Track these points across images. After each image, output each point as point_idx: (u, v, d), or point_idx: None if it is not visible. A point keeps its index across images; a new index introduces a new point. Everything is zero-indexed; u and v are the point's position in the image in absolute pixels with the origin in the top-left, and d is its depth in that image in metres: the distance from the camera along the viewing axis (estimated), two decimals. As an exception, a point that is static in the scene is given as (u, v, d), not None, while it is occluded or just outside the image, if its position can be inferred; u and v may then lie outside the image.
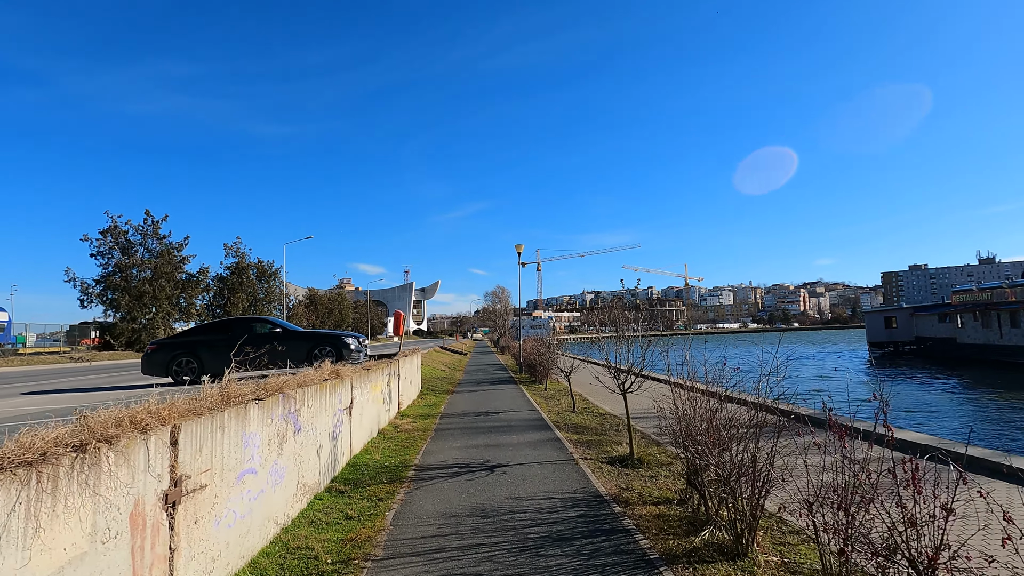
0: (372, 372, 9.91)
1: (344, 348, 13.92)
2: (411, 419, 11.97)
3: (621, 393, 8.69)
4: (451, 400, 15.81)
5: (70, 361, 28.06)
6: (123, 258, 34.74)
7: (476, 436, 10.05)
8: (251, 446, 4.63)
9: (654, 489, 6.82)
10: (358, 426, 8.67)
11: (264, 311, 51.66)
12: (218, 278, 47.84)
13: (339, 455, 7.42)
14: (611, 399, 15.49)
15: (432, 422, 11.70)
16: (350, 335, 14.60)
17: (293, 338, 13.98)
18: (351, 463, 7.90)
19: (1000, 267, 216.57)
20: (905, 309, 54.24)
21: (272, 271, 52.12)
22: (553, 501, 6.20)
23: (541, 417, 12.26)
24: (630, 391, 8.63)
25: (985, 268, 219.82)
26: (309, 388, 6.23)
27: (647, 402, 12.13)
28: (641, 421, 10.89)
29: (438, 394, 17.36)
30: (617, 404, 15.05)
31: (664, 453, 8.90)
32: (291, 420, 5.59)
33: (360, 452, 8.62)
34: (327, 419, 6.91)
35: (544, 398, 16.26)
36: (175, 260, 36.14)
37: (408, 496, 6.42)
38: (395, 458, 8.38)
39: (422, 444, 9.41)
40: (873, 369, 39.90)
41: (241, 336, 13.84)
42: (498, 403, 14.79)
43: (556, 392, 17.82)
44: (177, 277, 36.38)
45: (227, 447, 4.21)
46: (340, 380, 7.60)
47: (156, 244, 35.77)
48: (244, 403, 4.54)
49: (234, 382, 4.69)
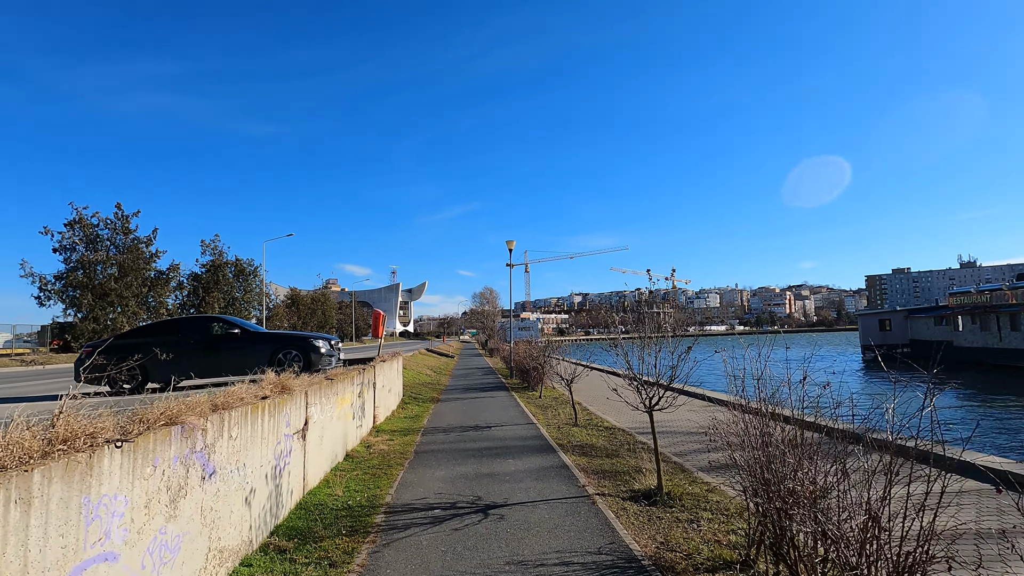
0: (339, 382, 8.14)
1: (312, 352, 12.15)
2: (388, 436, 10.20)
3: (647, 411, 7.02)
4: (436, 411, 14.06)
5: (21, 364, 25.79)
6: (88, 253, 32.42)
7: (465, 460, 8.31)
8: (105, 516, 2.87)
9: (701, 543, 5.14)
10: (316, 453, 6.90)
11: (242, 311, 49.42)
12: (193, 276, 45.55)
13: (285, 496, 5.65)
14: (616, 408, 13.92)
15: (412, 440, 9.95)
16: (320, 337, 12.81)
17: (254, 340, 12.17)
18: (303, 504, 6.12)
19: (981, 271, 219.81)
20: (900, 311, 53.54)
21: (251, 269, 49.88)
22: (572, 569, 4.48)
23: (540, 434, 10.56)
24: (659, 408, 6.97)
25: (966, 272, 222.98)
26: (233, 411, 4.47)
27: (658, 414, 10.37)
28: (651, 436, 9.15)
29: (421, 403, 15.59)
30: (623, 415, 13.41)
31: (695, 482, 7.26)
32: (196, 462, 3.82)
33: (318, 486, 6.84)
34: (265, 451, 5.14)
35: (540, 408, 14.57)
36: (143, 256, 33.86)
37: (373, 559, 4.68)
38: (362, 493, 6.61)
39: (398, 472, 7.65)
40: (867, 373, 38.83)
41: (193, 338, 12.00)
42: (489, 415, 13.07)
43: (552, 401, 16.13)
44: (145, 274, 34.09)
45: (47, 528, 2.45)
46: (288, 396, 5.84)
47: (124, 239, 33.47)
48: (90, 450, 2.78)
49: (78, 414, 2.92)
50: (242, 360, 12.02)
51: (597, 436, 10.48)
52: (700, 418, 11.07)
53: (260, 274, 52.05)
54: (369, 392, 10.52)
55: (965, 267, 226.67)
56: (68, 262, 32.55)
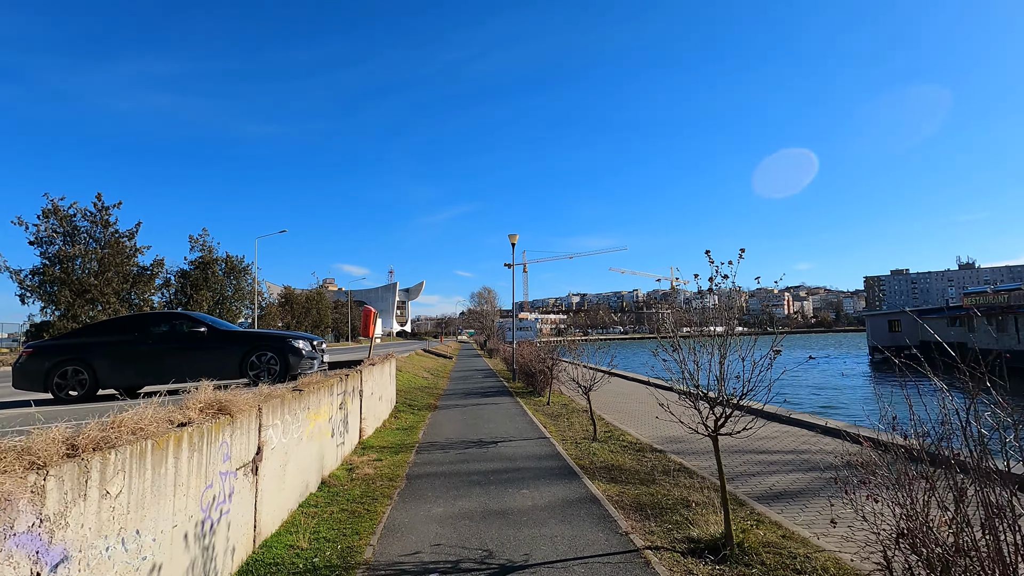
0: (311, 394, 6.51)
1: (291, 354, 10.57)
2: (375, 455, 8.57)
3: (710, 435, 5.44)
4: (433, 420, 12.43)
5: None
6: (66, 247, 30.70)
7: (468, 490, 6.68)
8: None
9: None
10: (275, 488, 5.27)
11: (232, 310, 47.75)
12: (181, 273, 43.84)
13: (220, 559, 4.03)
14: (635, 418, 12.27)
15: (405, 460, 8.33)
16: (300, 336, 11.20)
17: (222, 341, 10.59)
18: (250, 566, 4.49)
19: (980, 272, 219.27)
20: (910, 312, 52.14)
21: (242, 266, 48.18)
22: None
23: (556, 451, 8.94)
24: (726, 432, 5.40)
25: (965, 273, 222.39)
26: (117, 453, 2.85)
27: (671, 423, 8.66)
28: (687, 455, 7.39)
29: (417, 411, 13.96)
30: (645, 426, 11.80)
31: (765, 523, 5.66)
32: (16, 552, 2.20)
33: (278, 532, 5.21)
34: (183, 504, 3.52)
35: (550, 417, 12.95)
36: (125, 250, 32.13)
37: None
38: (334, 544, 4.98)
39: (384, 508, 6.01)
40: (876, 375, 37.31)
41: (151, 337, 10.38)
42: (493, 426, 11.46)
43: (562, 408, 14.52)
44: (127, 270, 32.36)
45: None
46: (228, 419, 4.20)
47: (103, 233, 31.73)
48: None
49: None
50: (208, 364, 10.41)
51: (623, 455, 8.87)
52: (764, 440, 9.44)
53: (252, 271, 50.39)
54: (354, 402, 8.90)
55: (964, 268, 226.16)
56: (45, 256, 30.85)
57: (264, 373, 10.47)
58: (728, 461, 8.24)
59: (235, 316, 48.66)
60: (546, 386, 16.89)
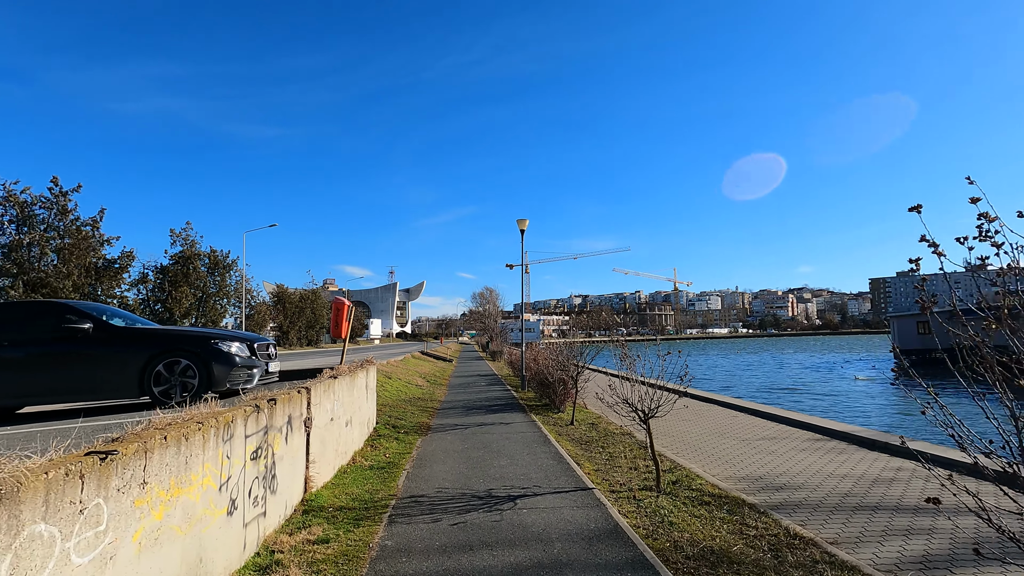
0: (154, 452, 3.23)
1: (217, 360, 7.38)
2: (322, 527, 5.27)
3: None
4: (423, 451, 9.14)
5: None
6: (19, 236, 27.42)
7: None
8: None
9: None
10: None
11: (216, 309, 44.47)
12: (159, 269, 40.60)
13: None
14: (686, 440, 8.83)
15: (367, 538, 5.05)
16: (234, 337, 7.97)
17: (115, 342, 7.35)
18: None
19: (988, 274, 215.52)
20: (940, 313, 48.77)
21: (227, 262, 44.93)
22: None
23: (612, 521, 5.56)
24: None
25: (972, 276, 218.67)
26: None
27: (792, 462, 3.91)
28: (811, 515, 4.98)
29: (403, 434, 10.67)
30: (709, 455, 8.52)
31: None
32: None
33: None
34: None
35: (579, 445, 9.68)
36: (88, 241, 28.82)
37: None
38: None
39: None
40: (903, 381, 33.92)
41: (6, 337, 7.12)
42: (506, 462, 8.17)
43: (590, 428, 11.26)
44: (90, 262, 29.04)
45: None
46: None
47: (62, 221, 28.43)
48: None
49: None
50: (94, 374, 7.16)
51: (713, 522, 5.59)
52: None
53: (239, 268, 47.11)
54: (292, 440, 5.64)
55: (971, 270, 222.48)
56: (-4, 245, 27.60)
57: (176, 389, 7.24)
58: (837, 520, 4.93)
59: (219, 315, 45.43)
60: (566, 399, 13.62)
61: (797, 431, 11.72)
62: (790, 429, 11.96)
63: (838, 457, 9.13)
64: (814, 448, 9.87)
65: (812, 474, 8.02)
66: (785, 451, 9.70)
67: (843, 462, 8.77)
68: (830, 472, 8.15)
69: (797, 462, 8.82)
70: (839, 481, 7.63)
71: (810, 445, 10.17)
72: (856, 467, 8.44)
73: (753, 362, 54.71)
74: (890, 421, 18.50)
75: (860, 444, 10.18)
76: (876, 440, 10.08)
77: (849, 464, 8.64)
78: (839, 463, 8.71)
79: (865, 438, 10.33)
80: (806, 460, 8.94)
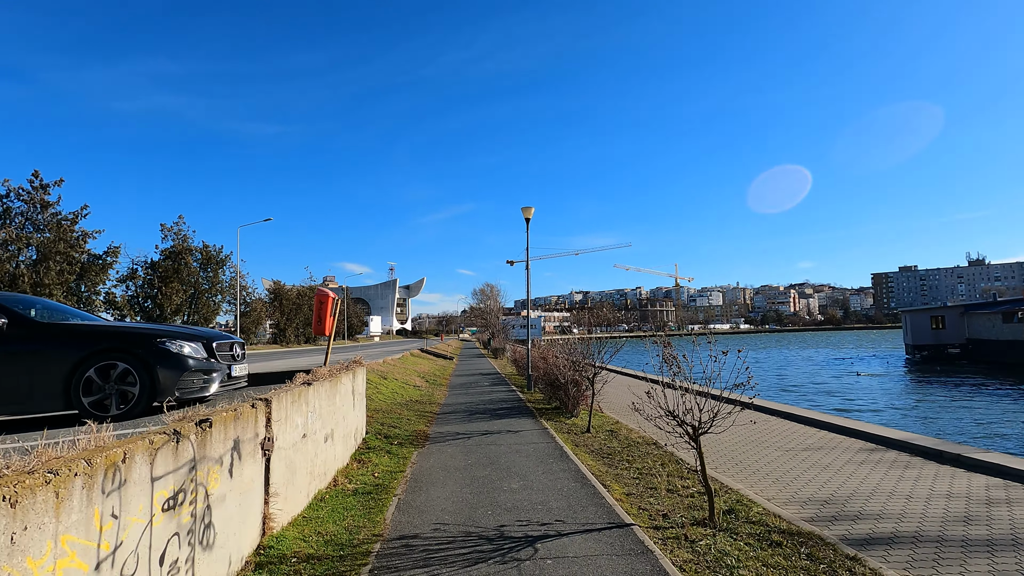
0: None
1: (165, 364, 5.98)
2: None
3: None
4: (419, 469, 7.76)
5: None
6: (-3, 231, 26.04)
7: None
8: None
9: None
10: None
11: (209, 305, 43.09)
12: (150, 265, 39.24)
13: None
14: (726, 451, 7.17)
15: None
16: (189, 335, 6.56)
17: (36, 340, 5.96)
18: None
19: (990, 269, 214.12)
20: (955, 307, 47.44)
21: (220, 257, 43.54)
22: None
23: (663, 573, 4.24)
24: None
25: (975, 270, 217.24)
26: None
27: None
28: None
29: (396, 445, 9.29)
30: (758, 472, 7.09)
31: None
32: None
33: None
34: None
35: (601, 458, 8.31)
36: (71, 236, 27.43)
37: None
38: None
39: None
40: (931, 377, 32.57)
41: None
42: (518, 485, 6.79)
43: (610, 437, 9.89)
44: (74, 257, 27.66)
45: None
46: None
47: (43, 216, 27.04)
48: None
49: None
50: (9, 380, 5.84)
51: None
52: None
53: (234, 263, 45.72)
54: (246, 469, 4.26)
55: (974, 265, 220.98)
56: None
57: (113, 399, 5.88)
58: (951, 565, 3.47)
59: (213, 312, 44.06)
60: (580, 402, 12.25)
61: (843, 439, 10.34)
62: (834, 436, 10.58)
63: (907, 473, 7.74)
64: (873, 461, 8.49)
65: (887, 496, 6.65)
66: (840, 464, 8.32)
67: (916, 480, 7.39)
68: (907, 493, 6.77)
69: (861, 480, 7.44)
70: (924, 506, 6.26)
71: (866, 457, 8.78)
72: (935, 486, 7.06)
73: (760, 358, 53.33)
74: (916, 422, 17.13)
75: (924, 455, 8.80)
76: (943, 451, 8.70)
77: (925, 482, 7.25)
78: (911, 481, 7.33)
79: (929, 448, 8.94)
80: (871, 477, 7.56)
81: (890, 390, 27.65)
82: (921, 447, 9.10)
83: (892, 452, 9.11)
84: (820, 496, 6.76)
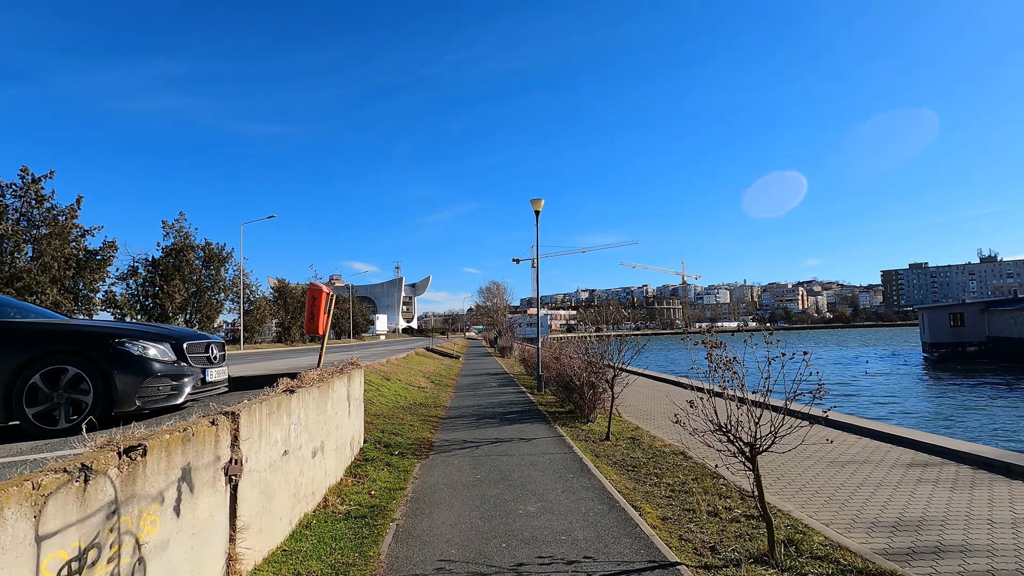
0: None
1: (124, 369, 5.05)
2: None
3: None
4: (420, 485, 6.87)
5: None
6: (-9, 227, 25.36)
7: None
8: None
9: None
10: None
11: (211, 304, 42.42)
12: (151, 262, 38.56)
13: None
14: (769, 468, 6.03)
15: None
16: (154, 334, 5.64)
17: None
18: None
19: (1002, 265, 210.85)
20: (973, 304, 46.08)
21: (223, 254, 42.83)
22: None
23: None
24: None
25: (987, 267, 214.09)
26: None
27: None
28: None
29: (397, 455, 8.41)
30: (820, 495, 6.05)
31: None
32: None
33: None
34: None
35: (626, 472, 7.39)
36: (67, 232, 26.72)
37: None
38: None
39: None
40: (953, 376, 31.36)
41: None
42: (536, 508, 5.87)
43: (632, 445, 8.97)
44: (70, 253, 26.95)
45: None
46: None
47: (38, 212, 26.33)
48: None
49: None
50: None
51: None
52: None
53: (237, 260, 45.04)
54: (203, 502, 3.39)
55: (985, 261, 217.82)
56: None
57: (62, 410, 5.01)
58: None
59: (215, 310, 43.39)
60: (597, 406, 11.34)
61: (889, 447, 9.36)
62: (879, 445, 9.60)
63: (977, 492, 6.76)
64: (935, 477, 7.51)
65: (965, 522, 5.69)
66: (897, 480, 7.36)
67: (990, 501, 6.41)
68: (987, 517, 5.81)
69: (927, 499, 6.48)
70: (1016, 536, 5.30)
71: (923, 471, 7.80)
72: (1017, 509, 6.09)
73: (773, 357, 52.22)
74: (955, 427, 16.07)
75: (990, 468, 7.81)
76: (1011, 464, 7.71)
77: (1001, 503, 6.28)
78: (986, 502, 6.35)
79: (995, 460, 7.94)
80: (937, 496, 6.59)
81: (910, 389, 26.57)
82: (984, 459, 8.11)
83: (951, 465, 8.12)
84: (885, 520, 5.82)
